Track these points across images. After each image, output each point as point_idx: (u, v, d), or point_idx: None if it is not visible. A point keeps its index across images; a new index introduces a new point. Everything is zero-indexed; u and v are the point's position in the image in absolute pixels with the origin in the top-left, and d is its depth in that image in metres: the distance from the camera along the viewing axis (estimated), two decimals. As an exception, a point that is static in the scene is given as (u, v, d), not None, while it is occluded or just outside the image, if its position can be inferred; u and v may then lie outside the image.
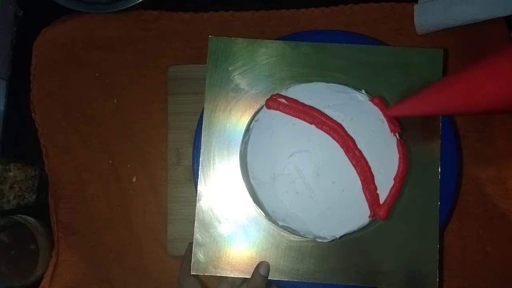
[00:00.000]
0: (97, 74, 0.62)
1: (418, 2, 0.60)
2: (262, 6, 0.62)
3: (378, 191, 0.50)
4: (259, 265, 0.51)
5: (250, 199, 0.53)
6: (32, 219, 0.59)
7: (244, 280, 0.53)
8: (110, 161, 0.61)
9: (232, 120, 0.54)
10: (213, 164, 0.53)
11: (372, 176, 0.50)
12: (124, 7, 0.60)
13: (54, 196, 0.60)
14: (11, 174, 0.56)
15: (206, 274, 0.52)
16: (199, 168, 0.53)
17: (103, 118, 0.62)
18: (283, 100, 0.52)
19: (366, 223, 0.51)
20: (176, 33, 0.62)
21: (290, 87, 0.53)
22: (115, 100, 0.62)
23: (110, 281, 0.59)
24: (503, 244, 0.59)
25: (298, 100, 0.52)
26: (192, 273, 0.52)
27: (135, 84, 0.62)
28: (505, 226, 0.59)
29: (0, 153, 0.62)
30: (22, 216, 0.58)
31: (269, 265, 0.52)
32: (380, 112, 0.52)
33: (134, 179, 0.61)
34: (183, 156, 0.60)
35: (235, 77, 0.54)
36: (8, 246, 0.57)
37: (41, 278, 0.59)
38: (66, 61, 0.62)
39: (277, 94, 0.52)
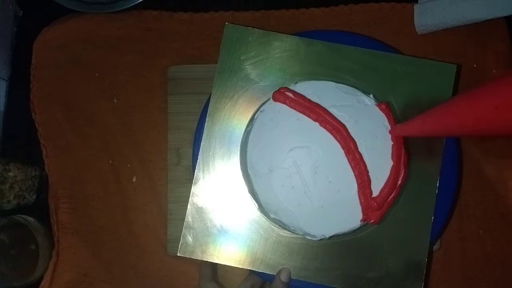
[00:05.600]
0: (97, 74, 0.62)
1: (418, 2, 0.60)
2: (262, 6, 0.62)
3: (373, 196, 0.50)
4: (280, 271, 0.51)
5: (246, 189, 0.53)
6: (32, 219, 0.59)
7: (263, 283, 0.54)
8: (110, 161, 0.61)
9: (237, 109, 0.54)
10: (213, 150, 0.53)
11: (369, 181, 0.50)
12: (124, 7, 0.60)
13: (54, 196, 0.60)
14: (11, 174, 0.56)
15: (192, 257, 0.52)
16: (199, 152, 0.53)
17: (103, 118, 0.62)
18: (290, 94, 0.52)
19: (357, 227, 0.51)
20: (176, 33, 0.62)
21: (298, 82, 0.53)
22: (115, 100, 0.62)
23: (110, 281, 0.59)
24: (503, 244, 0.59)
25: (305, 96, 0.52)
26: (179, 254, 0.52)
27: (135, 84, 0.62)
28: (505, 226, 0.59)
29: (0, 153, 0.62)
30: (22, 216, 0.58)
31: (290, 272, 0.51)
32: (386, 119, 0.52)
33: (134, 179, 0.61)
34: (183, 156, 0.60)
35: (247, 66, 0.54)
36: (8, 246, 0.57)
37: (41, 278, 0.59)
38: (66, 61, 0.62)
39: (285, 87, 0.52)
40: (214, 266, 0.56)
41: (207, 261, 0.53)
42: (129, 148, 0.61)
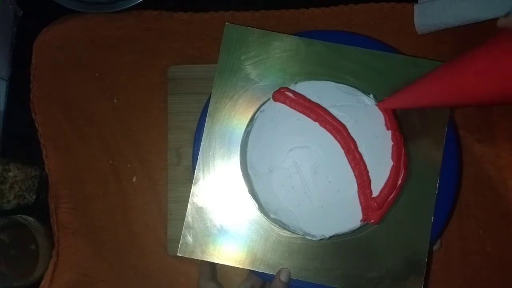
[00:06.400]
0: (97, 74, 0.62)
1: (418, 2, 0.60)
2: (262, 6, 0.62)
3: (373, 196, 0.50)
4: (280, 271, 0.51)
5: (246, 189, 0.53)
6: (32, 219, 0.59)
7: (264, 283, 0.54)
8: (110, 161, 0.61)
9: (237, 109, 0.54)
10: (213, 150, 0.53)
11: (369, 181, 0.50)
12: (124, 7, 0.61)
13: (54, 196, 0.60)
14: (11, 174, 0.56)
15: (192, 257, 0.52)
16: (199, 152, 0.53)
17: (103, 118, 0.62)
18: (290, 94, 0.52)
19: (357, 227, 0.51)
20: (176, 33, 0.62)
21: (298, 82, 0.53)
22: (115, 100, 0.62)
23: (110, 281, 0.60)
24: (503, 244, 0.59)
25: (305, 96, 0.52)
26: (179, 254, 0.52)
27: (135, 84, 0.62)
28: (505, 226, 0.59)
29: (0, 153, 0.62)
30: (22, 216, 0.58)
31: (290, 272, 0.51)
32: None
33: (134, 179, 0.61)
34: (183, 156, 0.60)
35: (247, 66, 0.54)
36: (8, 246, 0.57)
37: (41, 278, 0.59)
38: (66, 61, 0.62)
39: (285, 87, 0.52)
40: (213, 266, 0.56)
41: (207, 261, 0.54)
42: (129, 148, 0.61)
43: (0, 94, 0.62)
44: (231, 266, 0.53)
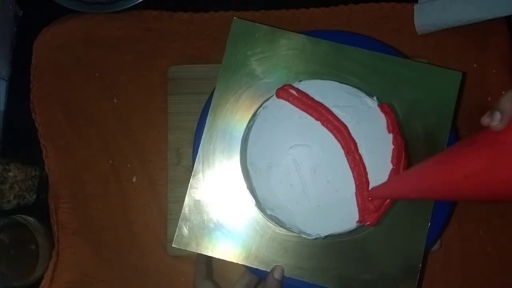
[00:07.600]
0: (97, 74, 0.62)
1: (418, 2, 0.60)
2: (262, 6, 0.62)
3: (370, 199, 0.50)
4: (273, 269, 0.51)
5: (244, 184, 0.53)
6: (32, 219, 0.59)
7: (259, 281, 0.54)
8: (110, 161, 0.61)
9: (240, 105, 0.54)
10: (214, 144, 0.53)
11: (368, 183, 0.50)
12: (124, 7, 0.61)
13: (54, 196, 0.60)
14: (11, 174, 0.56)
15: (187, 249, 0.52)
16: (200, 145, 0.53)
17: (103, 118, 0.62)
18: (294, 92, 0.51)
19: (352, 228, 0.50)
20: (176, 33, 0.62)
21: (303, 80, 0.53)
22: (115, 100, 0.62)
23: (110, 281, 0.59)
24: (503, 244, 0.59)
25: (309, 94, 0.52)
26: (174, 245, 0.52)
27: (135, 84, 0.62)
28: (505, 226, 0.59)
29: (0, 153, 0.62)
30: (22, 216, 0.58)
31: (283, 269, 0.51)
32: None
33: (134, 179, 0.61)
34: (183, 156, 0.60)
35: (252, 62, 0.54)
36: (8, 246, 0.57)
37: (41, 278, 0.59)
38: (66, 61, 0.62)
39: (288, 84, 0.52)
40: (209, 264, 0.56)
41: (202, 259, 0.54)
42: (129, 148, 0.61)
43: (0, 94, 0.62)
44: (226, 264, 0.52)
